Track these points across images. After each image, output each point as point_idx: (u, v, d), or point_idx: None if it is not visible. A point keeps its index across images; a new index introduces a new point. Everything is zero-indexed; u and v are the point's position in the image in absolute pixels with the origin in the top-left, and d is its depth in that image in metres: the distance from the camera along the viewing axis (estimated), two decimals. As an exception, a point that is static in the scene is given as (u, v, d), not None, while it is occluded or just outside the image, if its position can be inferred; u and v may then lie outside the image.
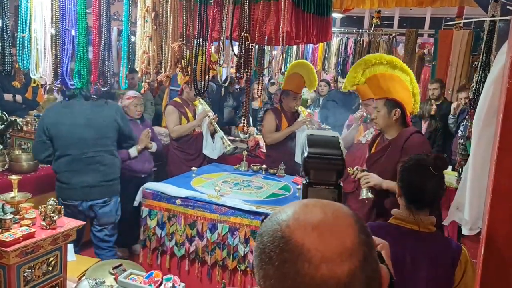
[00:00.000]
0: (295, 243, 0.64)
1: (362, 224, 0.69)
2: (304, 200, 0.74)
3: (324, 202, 0.71)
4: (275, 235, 0.66)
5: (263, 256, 0.66)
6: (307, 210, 0.68)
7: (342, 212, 0.69)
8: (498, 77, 1.38)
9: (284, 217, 0.68)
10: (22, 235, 1.82)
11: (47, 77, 2.18)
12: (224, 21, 1.87)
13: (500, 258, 1.30)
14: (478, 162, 1.47)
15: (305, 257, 0.62)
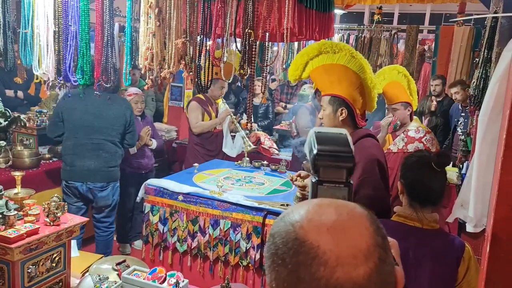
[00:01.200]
0: (310, 245, 0.62)
1: (378, 225, 0.67)
2: (317, 200, 0.72)
3: (338, 202, 0.69)
4: (288, 236, 0.64)
5: (276, 257, 0.65)
6: (321, 211, 0.66)
7: (357, 212, 0.67)
8: (504, 74, 1.38)
9: (297, 217, 0.66)
10: (26, 232, 1.82)
11: (50, 73, 2.17)
12: (227, 18, 1.87)
13: (506, 255, 1.31)
14: (483, 159, 1.47)
15: (321, 259, 0.61)
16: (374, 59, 5.77)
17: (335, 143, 0.92)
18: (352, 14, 16.51)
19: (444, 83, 5.68)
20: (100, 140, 3.39)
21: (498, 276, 1.31)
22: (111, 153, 3.47)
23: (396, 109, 3.34)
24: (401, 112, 3.34)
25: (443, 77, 5.80)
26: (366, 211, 0.69)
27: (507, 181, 1.27)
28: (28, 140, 3.94)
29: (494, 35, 2.21)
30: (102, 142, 3.40)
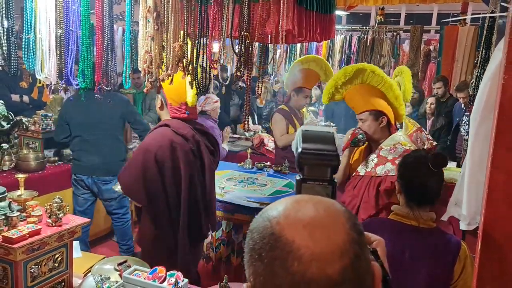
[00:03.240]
0: (285, 240, 0.63)
1: (354, 222, 0.68)
2: (296, 196, 0.73)
3: (316, 199, 0.70)
4: (265, 232, 0.66)
5: (253, 252, 0.66)
6: (299, 207, 0.68)
7: (334, 209, 0.68)
8: (495, 73, 1.40)
9: (275, 213, 0.68)
10: (29, 232, 1.86)
11: (52, 77, 2.22)
12: (224, 21, 1.89)
13: (497, 252, 1.32)
14: (476, 157, 1.48)
15: (295, 255, 0.62)
16: (377, 60, 5.77)
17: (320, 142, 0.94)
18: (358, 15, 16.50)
19: (446, 84, 5.67)
20: (101, 136, 3.66)
21: (490, 273, 1.32)
22: (111, 148, 3.72)
23: (361, 119, 2.70)
24: (369, 124, 2.67)
25: (445, 78, 5.79)
26: (343, 208, 0.70)
27: (498, 179, 1.29)
28: (33, 144, 4.01)
29: (492, 35, 2.22)
30: (103, 138, 3.67)
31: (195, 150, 2.54)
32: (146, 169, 2.41)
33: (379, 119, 2.64)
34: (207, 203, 2.64)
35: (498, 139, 1.28)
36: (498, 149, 1.28)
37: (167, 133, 2.48)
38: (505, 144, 1.27)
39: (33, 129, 4.01)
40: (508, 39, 1.27)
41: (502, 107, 1.28)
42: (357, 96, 2.69)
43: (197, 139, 2.56)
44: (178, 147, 2.45)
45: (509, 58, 1.26)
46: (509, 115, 1.27)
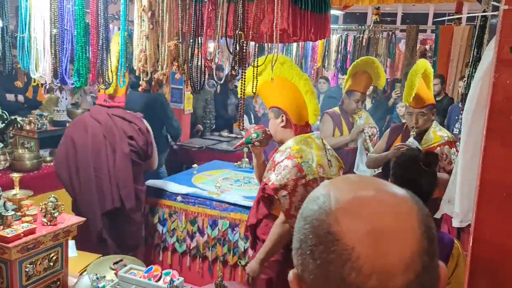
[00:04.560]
0: (344, 246, 0.55)
1: (429, 226, 0.58)
2: (362, 184, 0.62)
3: (385, 193, 0.60)
4: (320, 227, 0.57)
5: (304, 245, 0.59)
6: (364, 203, 0.58)
7: (407, 209, 0.58)
8: (486, 72, 1.41)
9: (334, 204, 0.58)
10: (23, 231, 1.86)
11: (47, 76, 2.21)
12: (218, 20, 1.90)
13: (489, 249, 1.33)
14: (468, 155, 1.49)
15: (354, 264, 0.54)
16: (373, 59, 5.80)
17: None
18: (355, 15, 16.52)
19: (442, 82, 5.70)
20: None
21: (482, 269, 1.34)
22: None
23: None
24: (271, 122, 2.45)
25: (442, 76, 5.82)
26: (418, 205, 0.60)
27: (489, 177, 1.30)
28: (29, 143, 4.00)
29: (484, 34, 2.23)
30: None
31: (106, 132, 2.95)
32: (67, 146, 2.98)
33: (279, 117, 2.39)
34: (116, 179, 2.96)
35: (490, 137, 1.29)
36: (489, 147, 1.29)
37: (84, 117, 3.11)
38: (496, 142, 1.29)
39: (28, 128, 4.00)
40: (498, 38, 1.28)
41: (493, 105, 1.29)
42: (266, 90, 2.41)
43: (110, 124, 2.96)
44: (90, 128, 2.94)
45: (500, 57, 1.27)
46: (500, 113, 1.28)
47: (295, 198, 2.19)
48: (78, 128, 3.01)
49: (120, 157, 2.96)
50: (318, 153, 2.32)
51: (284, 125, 2.38)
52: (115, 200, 2.97)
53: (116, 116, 3.01)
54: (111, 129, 2.95)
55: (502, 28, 1.28)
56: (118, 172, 2.96)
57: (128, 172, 2.99)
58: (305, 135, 2.37)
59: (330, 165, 2.39)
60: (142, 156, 3.11)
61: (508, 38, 1.26)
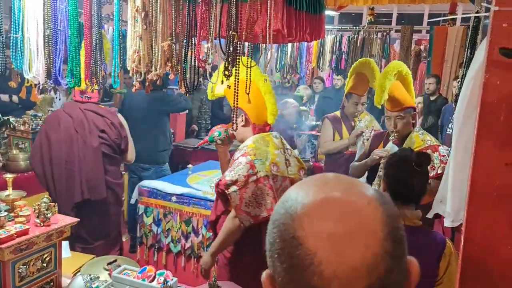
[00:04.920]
0: (307, 250, 0.55)
1: (393, 227, 0.58)
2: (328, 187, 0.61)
3: (349, 197, 0.59)
4: (286, 232, 0.58)
5: (272, 248, 0.60)
6: (327, 208, 0.58)
7: (369, 213, 0.57)
8: (477, 73, 1.42)
9: (299, 209, 0.59)
10: (16, 232, 1.86)
11: (40, 76, 2.21)
12: (212, 20, 1.90)
13: (480, 248, 1.34)
14: (459, 155, 1.50)
15: (316, 269, 0.55)
16: (367, 59, 5.82)
17: None
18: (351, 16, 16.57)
19: (438, 82, 5.73)
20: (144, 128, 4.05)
21: (473, 268, 1.35)
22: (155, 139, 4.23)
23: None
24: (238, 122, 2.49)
25: (438, 76, 5.85)
26: (384, 206, 0.59)
27: (480, 177, 1.31)
28: (23, 144, 3.98)
29: (477, 35, 2.24)
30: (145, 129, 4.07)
31: (77, 126, 3.08)
32: (41, 140, 3.11)
33: (240, 117, 2.43)
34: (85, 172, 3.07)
35: (480, 137, 1.30)
36: (480, 147, 1.30)
37: (58, 112, 3.27)
38: (487, 142, 1.30)
39: (22, 129, 3.99)
40: (489, 39, 1.29)
41: (484, 106, 1.30)
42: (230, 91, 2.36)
43: (81, 118, 3.10)
44: (62, 123, 3.08)
45: (490, 57, 1.28)
46: (490, 114, 1.29)
47: (246, 194, 2.24)
48: (52, 122, 3.15)
49: (89, 150, 3.08)
50: (273, 152, 2.38)
51: (244, 124, 2.45)
52: (84, 192, 3.06)
53: (89, 110, 3.14)
54: (82, 123, 3.09)
55: (492, 29, 1.29)
56: (87, 165, 3.07)
57: (96, 165, 3.10)
58: (264, 134, 2.44)
59: (288, 165, 2.44)
60: (116, 149, 3.22)
61: (498, 39, 1.27)
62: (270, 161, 2.34)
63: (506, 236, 1.30)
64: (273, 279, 0.62)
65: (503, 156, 1.28)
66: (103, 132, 3.14)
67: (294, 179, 2.44)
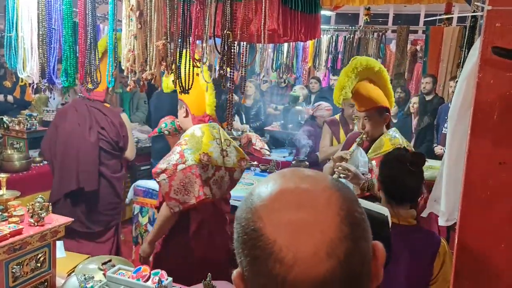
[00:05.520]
0: (266, 240, 0.57)
1: (350, 211, 0.60)
2: (284, 179, 0.64)
3: (305, 186, 0.61)
4: (247, 226, 0.60)
5: (238, 243, 0.62)
6: (283, 198, 0.60)
7: (325, 199, 0.60)
8: (471, 72, 1.42)
9: (258, 202, 0.61)
10: (10, 232, 1.84)
11: (34, 76, 2.20)
12: (207, 19, 1.90)
13: (474, 247, 1.34)
14: (453, 155, 1.50)
15: (277, 256, 0.56)
16: (363, 59, 5.82)
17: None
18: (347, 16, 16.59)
19: (434, 82, 5.74)
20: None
21: (467, 267, 1.35)
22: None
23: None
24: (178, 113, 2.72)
25: (434, 76, 5.87)
26: (339, 190, 0.61)
27: (474, 176, 1.31)
28: (18, 144, 3.97)
29: (474, 35, 2.25)
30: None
31: (80, 121, 3.23)
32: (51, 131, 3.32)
33: (182, 108, 2.61)
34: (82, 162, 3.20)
35: (474, 136, 1.31)
36: (474, 146, 1.31)
37: (67, 106, 3.47)
38: (480, 141, 1.30)
39: (17, 129, 3.97)
40: (483, 38, 1.30)
41: (478, 105, 1.30)
42: None
43: (85, 113, 3.26)
44: (68, 116, 3.26)
45: (484, 57, 1.28)
46: (484, 113, 1.30)
47: (174, 182, 2.39)
48: (61, 114, 3.39)
49: (87, 144, 3.23)
50: (207, 142, 2.49)
51: (185, 115, 2.59)
52: (80, 182, 3.21)
53: (94, 108, 3.31)
54: (85, 118, 3.26)
55: (486, 28, 1.29)
56: (83, 157, 3.22)
57: (91, 158, 3.24)
58: (202, 125, 2.55)
59: (225, 155, 2.54)
60: (114, 146, 3.36)
61: (491, 38, 1.27)
62: (201, 151, 2.45)
63: (500, 234, 1.31)
64: (242, 276, 0.63)
65: (497, 155, 1.28)
66: (103, 129, 3.29)
67: (233, 168, 2.57)
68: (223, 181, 2.57)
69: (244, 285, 0.63)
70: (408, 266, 1.71)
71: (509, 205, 1.29)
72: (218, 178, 2.53)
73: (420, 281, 1.73)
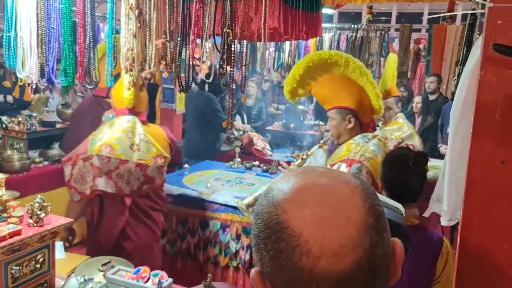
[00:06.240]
0: (292, 232, 0.57)
1: (373, 203, 0.60)
2: (305, 173, 0.64)
3: (326, 178, 0.62)
4: (270, 220, 0.59)
5: (258, 240, 0.61)
6: (307, 191, 0.60)
7: (349, 190, 0.60)
8: (473, 70, 1.40)
9: (280, 196, 0.61)
10: (9, 233, 1.84)
11: (34, 75, 2.19)
12: (206, 18, 1.88)
13: (476, 246, 1.32)
14: (456, 153, 1.48)
15: (303, 249, 0.56)
16: (365, 58, 5.78)
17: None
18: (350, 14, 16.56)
19: (439, 81, 5.70)
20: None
21: (469, 267, 1.33)
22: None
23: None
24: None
25: (439, 75, 5.82)
26: (361, 186, 0.62)
27: (476, 175, 1.29)
28: (18, 144, 3.96)
29: (473, 33, 2.22)
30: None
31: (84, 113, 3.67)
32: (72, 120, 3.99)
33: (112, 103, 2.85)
34: None
35: (476, 135, 1.29)
36: (476, 145, 1.29)
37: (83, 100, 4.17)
38: (483, 140, 1.28)
39: (17, 129, 3.96)
40: (484, 35, 1.27)
41: (480, 103, 1.28)
42: None
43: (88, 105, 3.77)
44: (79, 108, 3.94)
45: (486, 54, 1.26)
46: (486, 111, 1.28)
47: (75, 171, 2.52)
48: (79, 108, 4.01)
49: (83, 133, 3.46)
50: (114, 134, 2.54)
51: (112, 109, 2.78)
52: None
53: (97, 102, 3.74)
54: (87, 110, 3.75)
55: (487, 25, 1.27)
56: None
57: None
58: (120, 117, 2.61)
59: (136, 149, 2.56)
60: None
61: (493, 36, 1.25)
62: (104, 142, 2.50)
63: (502, 234, 1.29)
64: (262, 274, 0.62)
65: (499, 153, 1.26)
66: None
67: (144, 164, 2.57)
68: (132, 177, 2.55)
69: (264, 282, 0.62)
70: (411, 266, 1.69)
71: (511, 204, 1.26)
72: (124, 172, 2.53)
73: (423, 280, 1.71)
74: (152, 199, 2.78)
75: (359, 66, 2.36)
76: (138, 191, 2.64)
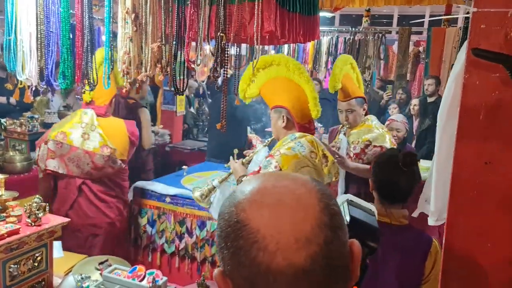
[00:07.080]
0: (250, 229, 0.59)
1: (328, 203, 0.63)
2: (266, 175, 0.68)
3: (286, 182, 0.65)
4: (230, 219, 0.62)
5: (220, 240, 0.63)
6: (266, 192, 0.63)
7: (305, 190, 0.63)
8: (460, 73, 1.43)
9: (241, 197, 0.64)
10: (7, 232, 1.88)
11: (33, 78, 2.23)
12: (201, 22, 1.92)
13: (461, 246, 1.35)
14: (443, 154, 1.51)
15: (260, 245, 0.58)
16: (363, 61, 5.80)
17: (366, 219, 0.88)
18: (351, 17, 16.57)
19: (437, 83, 5.72)
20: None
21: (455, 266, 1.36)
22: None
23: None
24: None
25: (437, 77, 5.84)
26: (318, 187, 0.65)
27: (461, 176, 1.32)
28: (20, 145, 4.01)
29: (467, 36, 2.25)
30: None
31: None
32: None
33: None
34: None
35: (461, 136, 1.32)
36: (460, 146, 1.32)
37: None
38: (467, 141, 1.31)
39: (19, 131, 4.01)
40: (468, 39, 1.31)
41: (464, 105, 1.31)
42: None
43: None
44: None
45: (470, 58, 1.29)
46: (470, 113, 1.31)
47: (40, 152, 3.05)
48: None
49: None
50: (71, 123, 3.06)
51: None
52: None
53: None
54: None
55: (471, 30, 1.30)
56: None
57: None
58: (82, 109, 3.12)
59: (86, 138, 3.01)
60: None
61: (477, 40, 1.28)
62: (60, 130, 3.01)
63: (487, 233, 1.31)
64: (223, 273, 0.64)
65: (482, 155, 1.29)
66: None
67: (91, 152, 2.99)
68: (82, 162, 3.00)
69: (225, 281, 0.64)
70: (400, 266, 1.72)
71: (495, 204, 1.29)
72: (74, 157, 2.99)
73: (412, 280, 1.73)
74: (106, 184, 3.16)
75: (298, 68, 2.47)
76: (88, 175, 3.06)
